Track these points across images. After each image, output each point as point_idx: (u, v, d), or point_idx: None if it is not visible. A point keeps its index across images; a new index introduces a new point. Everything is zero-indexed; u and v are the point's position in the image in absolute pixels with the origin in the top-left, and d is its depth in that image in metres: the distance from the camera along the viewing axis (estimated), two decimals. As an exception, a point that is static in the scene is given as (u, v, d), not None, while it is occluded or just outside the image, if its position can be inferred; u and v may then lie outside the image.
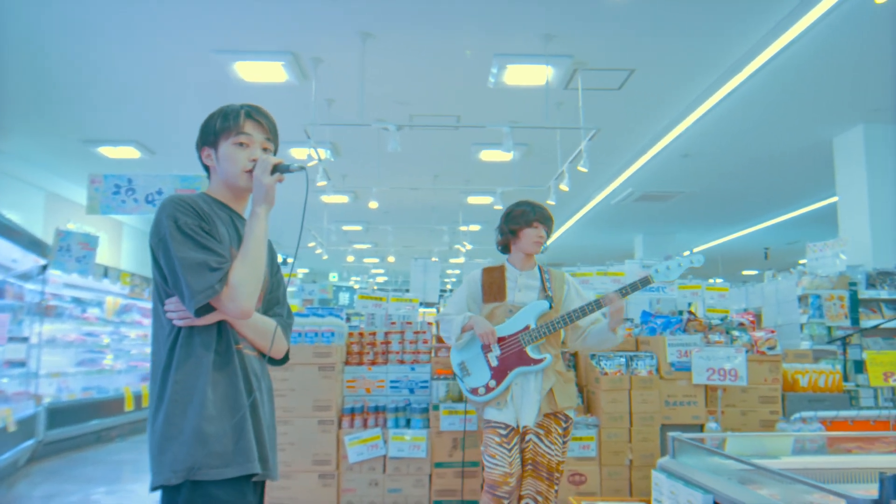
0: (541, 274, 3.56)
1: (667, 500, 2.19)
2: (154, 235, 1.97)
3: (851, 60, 6.56)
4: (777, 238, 16.11)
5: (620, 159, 10.08)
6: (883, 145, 8.20)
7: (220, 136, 2.12)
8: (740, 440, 2.65)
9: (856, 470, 2.19)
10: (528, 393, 3.38)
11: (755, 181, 11.23)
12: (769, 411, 4.46)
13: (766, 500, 1.75)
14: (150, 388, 1.99)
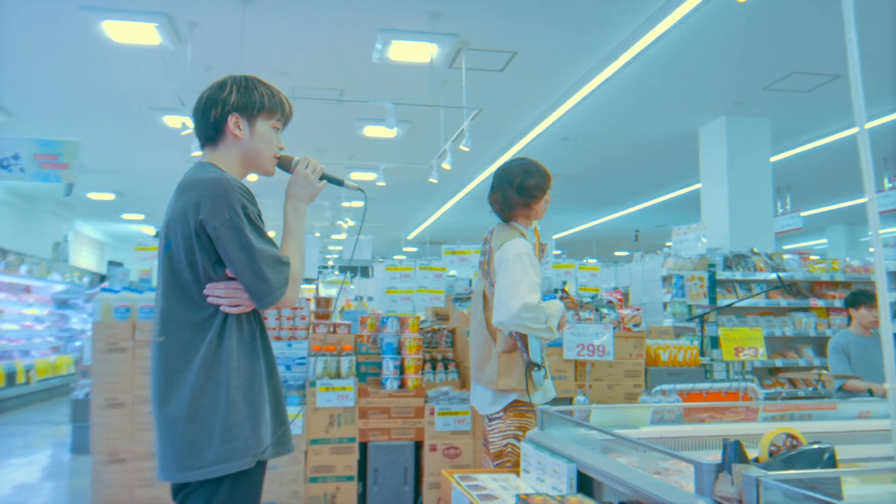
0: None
1: (534, 470, 2.27)
2: (217, 216, 1.84)
3: (716, 55, 6.94)
4: (647, 221, 16.94)
5: (502, 140, 10.25)
6: (742, 137, 8.77)
7: (261, 112, 2.05)
8: (605, 412, 2.78)
9: (707, 437, 2.34)
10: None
11: (629, 166, 11.73)
12: (633, 384, 4.71)
13: (625, 467, 1.84)
14: (174, 373, 1.87)
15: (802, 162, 10.73)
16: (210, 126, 2.03)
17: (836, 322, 7.44)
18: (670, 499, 1.47)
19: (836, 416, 2.68)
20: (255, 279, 1.86)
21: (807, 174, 11.46)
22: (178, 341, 1.88)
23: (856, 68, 1.56)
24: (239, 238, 1.85)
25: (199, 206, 1.86)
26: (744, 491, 1.31)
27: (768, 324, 7.33)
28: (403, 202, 14.88)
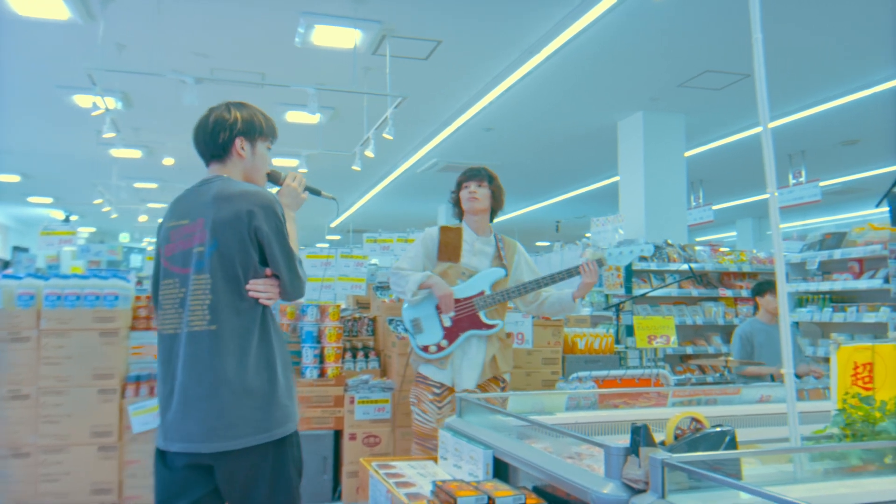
0: (496, 241, 3.66)
1: (451, 457, 2.29)
2: (268, 224, 2.21)
3: (634, 52, 7.12)
4: (567, 212, 17.28)
5: (426, 129, 10.25)
6: (659, 131, 9.04)
7: (260, 136, 2.42)
8: (522, 399, 2.82)
9: (620, 422, 2.41)
10: (469, 356, 3.49)
11: (551, 158, 11.93)
12: (551, 372, 4.80)
13: (539, 452, 1.88)
14: (228, 355, 2.16)
15: (714, 157, 11.15)
16: (219, 146, 2.39)
17: (743, 311, 7.78)
18: (581, 482, 1.51)
19: (740, 400, 2.80)
20: (292, 277, 2.27)
21: (718, 169, 11.91)
22: (230, 327, 2.18)
23: (761, 68, 1.62)
24: (282, 243, 2.24)
25: (253, 214, 2.20)
26: (650, 473, 1.36)
27: (680, 313, 7.60)
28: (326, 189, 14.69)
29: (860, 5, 6.07)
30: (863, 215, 16.46)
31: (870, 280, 6.00)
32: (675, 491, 1.35)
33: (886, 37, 6.80)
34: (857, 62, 7.48)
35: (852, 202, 15.59)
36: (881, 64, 7.51)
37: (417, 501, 1.90)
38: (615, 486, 1.44)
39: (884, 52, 7.20)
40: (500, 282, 3.55)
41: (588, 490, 1.47)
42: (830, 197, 14.37)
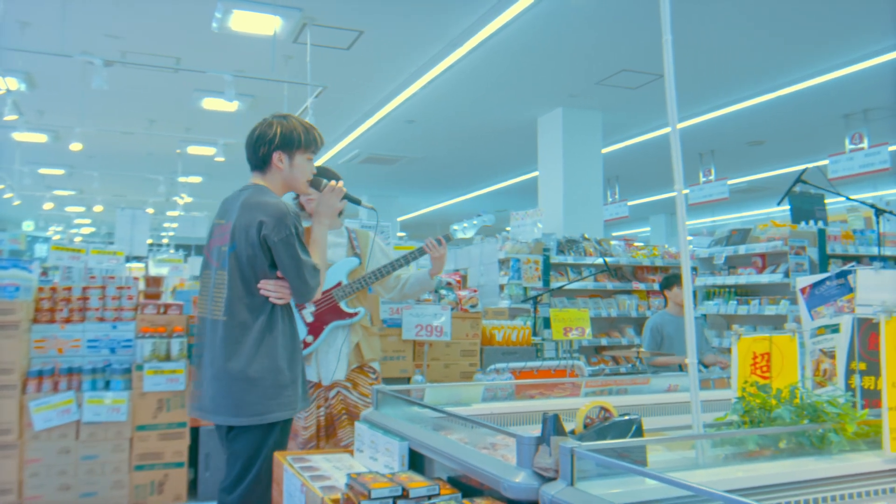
0: (348, 233, 3.67)
1: (367, 449, 2.28)
2: (276, 234, 2.48)
3: (555, 49, 7.24)
4: (489, 205, 17.45)
5: (348, 120, 10.16)
6: (577, 128, 9.24)
7: (299, 148, 2.65)
8: (439, 390, 2.84)
9: (535, 412, 2.46)
10: (334, 348, 3.50)
11: (472, 151, 12.01)
12: (469, 363, 4.85)
13: (454, 443, 1.89)
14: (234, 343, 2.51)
15: (630, 154, 11.48)
16: (259, 159, 2.68)
17: (655, 304, 8.05)
18: (494, 471, 1.53)
19: (649, 389, 2.90)
20: (299, 282, 2.53)
21: (634, 166, 12.27)
22: (237, 320, 2.51)
23: (670, 69, 1.68)
24: (290, 252, 2.50)
25: (263, 224, 2.49)
26: (560, 461, 1.39)
27: (595, 305, 7.80)
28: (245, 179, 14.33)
29: (768, 12, 6.35)
30: (767, 213, 17.27)
31: (771, 274, 6.30)
32: (584, 478, 1.38)
33: (790, 43, 7.15)
34: (763, 66, 7.83)
35: (757, 200, 16.34)
36: (785, 69, 7.88)
37: (332, 495, 1.89)
38: (526, 474, 1.46)
39: (787, 58, 7.56)
40: (355, 271, 3.59)
41: (500, 479, 1.49)
42: (738, 195, 15.01)
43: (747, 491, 1.42)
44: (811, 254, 6.09)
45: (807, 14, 6.42)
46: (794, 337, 1.91)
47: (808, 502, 1.47)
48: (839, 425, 1.59)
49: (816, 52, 7.39)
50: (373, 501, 1.61)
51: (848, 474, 1.51)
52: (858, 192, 12.03)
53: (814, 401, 1.65)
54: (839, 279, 2.15)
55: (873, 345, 1.66)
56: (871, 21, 6.61)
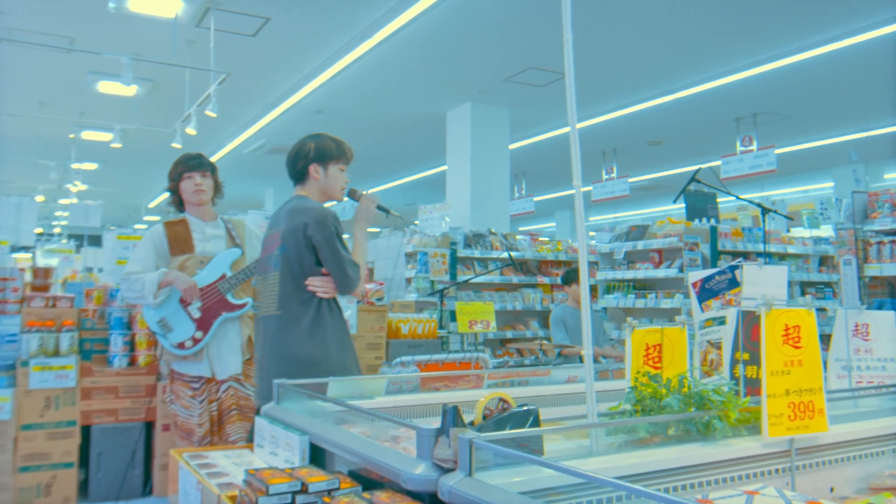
0: (224, 224, 3.63)
1: (268, 445, 2.24)
2: (320, 233, 2.81)
3: (464, 44, 7.30)
4: (398, 199, 17.42)
5: (254, 108, 9.92)
6: (486, 123, 9.34)
7: (331, 160, 3.01)
8: (342, 384, 2.82)
9: (439, 405, 2.47)
10: (227, 341, 3.46)
11: (381, 144, 11.95)
12: (375, 357, 4.83)
13: (355, 437, 1.88)
14: (288, 334, 2.84)
15: (537, 151, 11.70)
16: (298, 172, 3.02)
17: (559, 297, 8.26)
18: (394, 464, 1.53)
19: (549, 381, 2.97)
20: (341, 275, 2.83)
21: (540, 162, 12.52)
22: (290, 313, 2.84)
23: (570, 68, 1.72)
24: (332, 249, 2.82)
25: (308, 225, 2.82)
26: (458, 452, 1.40)
27: (501, 298, 7.92)
28: (144, 167, 13.80)
29: (667, 18, 6.60)
30: (665, 210, 17.97)
31: (667, 269, 6.57)
32: (482, 468, 1.40)
33: (687, 48, 7.45)
34: (662, 70, 8.14)
35: (657, 198, 16.99)
36: (682, 73, 8.22)
37: (230, 492, 1.85)
38: (426, 466, 1.47)
39: (685, 62, 7.89)
40: (237, 261, 3.57)
41: (400, 471, 1.49)
42: (638, 192, 15.56)
43: (637, 476, 1.48)
44: (704, 250, 6.38)
45: (702, 21, 6.72)
46: (684, 329, 2.00)
47: (693, 486, 1.55)
48: (723, 412, 1.68)
49: (711, 57, 7.74)
50: (271, 497, 1.59)
51: (730, 458, 1.60)
52: (748, 192, 12.70)
53: (700, 389, 1.74)
54: (727, 274, 2.27)
55: (755, 336, 1.75)
56: (759, 30, 6.98)
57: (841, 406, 2.10)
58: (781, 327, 1.64)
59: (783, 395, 1.62)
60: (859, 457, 1.83)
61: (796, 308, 1.67)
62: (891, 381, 2.27)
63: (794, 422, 1.62)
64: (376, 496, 1.50)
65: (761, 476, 1.64)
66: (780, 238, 7.43)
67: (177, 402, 3.49)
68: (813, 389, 1.65)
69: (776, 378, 1.62)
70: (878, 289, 4.33)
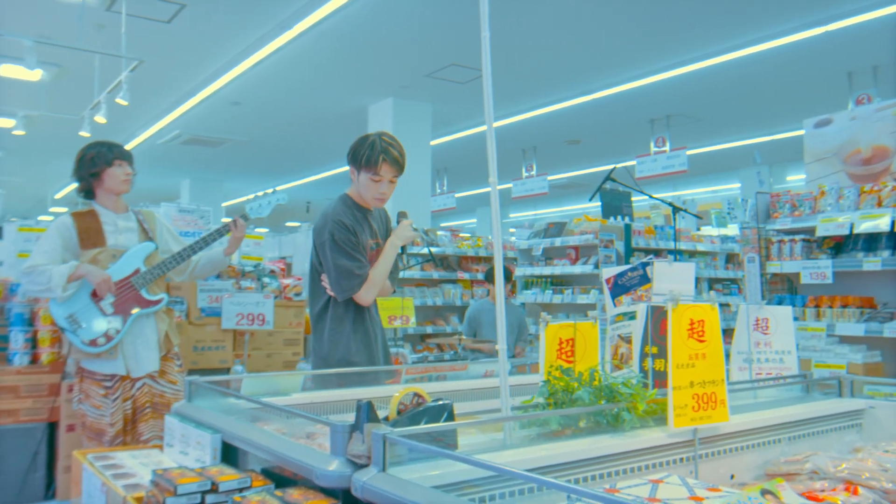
0: (136, 216, 3.50)
1: (178, 444, 2.18)
2: (317, 240, 2.96)
3: (386, 37, 7.26)
4: (319, 193, 17.21)
5: (169, 97, 9.60)
6: (407, 118, 9.33)
7: (362, 167, 2.94)
8: (257, 380, 2.77)
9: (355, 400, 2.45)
10: (144, 338, 3.36)
11: (302, 137, 11.78)
12: (293, 353, 4.78)
13: (269, 434, 1.85)
14: (314, 330, 3.06)
15: (458, 147, 11.77)
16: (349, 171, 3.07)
17: (479, 293, 8.33)
18: (307, 460, 1.51)
19: (466, 375, 2.99)
20: (331, 281, 2.94)
21: (462, 159, 12.60)
22: (315, 311, 3.04)
23: (487, 65, 1.73)
24: (325, 255, 2.93)
25: (314, 229, 3.02)
26: (372, 448, 1.40)
27: (421, 294, 7.94)
28: (49, 156, 13.15)
29: (586, 19, 6.74)
30: (582, 208, 18.39)
31: (583, 265, 6.72)
32: (397, 463, 1.40)
33: (605, 50, 7.64)
34: (580, 70, 8.31)
35: (575, 196, 17.36)
36: (600, 73, 8.42)
37: (136, 493, 1.79)
38: (340, 462, 1.46)
39: (602, 63, 8.08)
40: (151, 255, 3.48)
41: (313, 468, 1.47)
42: (557, 190, 15.86)
43: (548, 468, 1.51)
44: (618, 247, 6.56)
45: (619, 24, 6.90)
46: (596, 323, 2.05)
47: (602, 476, 1.59)
48: (632, 404, 1.73)
49: (627, 60, 7.96)
50: (179, 497, 1.55)
51: (637, 449, 1.65)
52: (660, 192, 13.13)
53: (610, 382, 1.78)
54: (638, 271, 2.33)
55: (664, 330, 1.81)
56: (673, 35, 7.22)
57: (741, 397, 2.20)
58: (687, 322, 1.70)
59: (688, 387, 1.68)
60: (758, 445, 1.92)
61: (701, 303, 1.73)
62: (788, 372, 2.39)
63: (698, 412, 1.69)
64: (289, 494, 1.48)
65: (667, 465, 1.70)
66: (690, 236, 7.71)
67: (86, 401, 3.35)
68: (715, 381, 1.72)
69: (681, 371, 1.67)
70: (778, 285, 4.56)
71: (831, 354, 4.03)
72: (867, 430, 2.22)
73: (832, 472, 1.66)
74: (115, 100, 6.47)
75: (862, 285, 4.34)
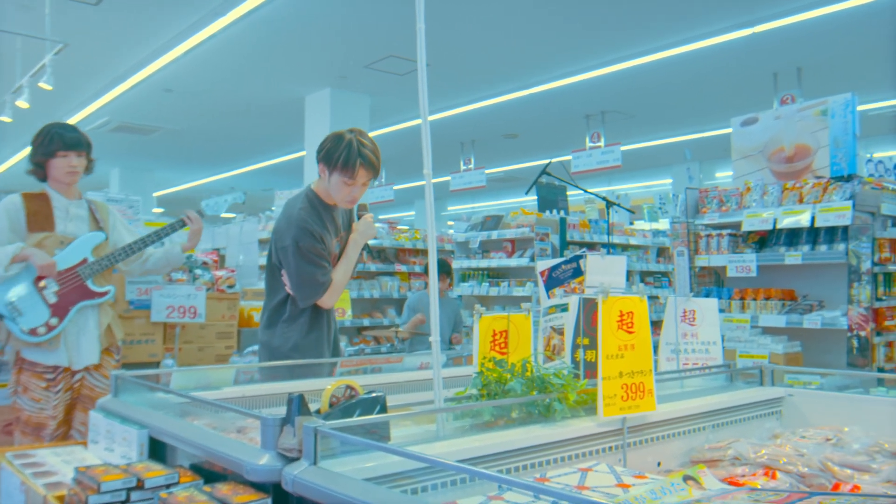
0: (88, 204, 3.39)
1: (103, 440, 2.12)
2: (279, 243, 2.88)
3: (324, 27, 7.18)
4: (254, 184, 16.92)
5: (97, 83, 9.27)
6: (345, 110, 9.25)
7: (335, 168, 2.83)
8: (188, 374, 2.72)
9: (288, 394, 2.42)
10: (86, 330, 3.26)
11: (237, 127, 11.56)
12: (225, 346, 4.68)
13: (198, 428, 1.82)
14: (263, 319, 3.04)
15: (397, 139, 11.73)
16: (318, 163, 2.95)
17: (416, 285, 8.34)
18: (236, 455, 1.49)
19: (402, 367, 2.99)
20: (293, 287, 2.90)
21: (400, 151, 12.55)
22: (269, 305, 3.01)
23: (422, 57, 1.73)
24: (287, 261, 2.87)
25: (276, 230, 2.94)
26: (303, 441, 1.39)
27: (358, 286, 7.89)
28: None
29: (524, 15, 6.80)
30: (520, 201, 18.57)
31: (519, 258, 6.80)
32: (328, 456, 1.39)
33: (543, 46, 7.72)
34: (518, 65, 8.39)
35: (512, 189, 17.52)
36: (537, 68, 8.51)
37: (57, 492, 1.73)
38: (270, 456, 1.44)
39: (540, 58, 8.17)
40: (100, 246, 3.38)
41: (243, 462, 1.45)
42: (495, 184, 15.98)
43: (480, 459, 1.52)
44: (554, 240, 6.65)
45: (557, 20, 6.98)
46: (529, 315, 2.07)
47: (533, 465, 1.61)
48: (563, 395, 1.76)
49: (564, 55, 8.06)
50: (102, 495, 1.50)
51: (568, 438, 1.68)
52: (595, 186, 13.35)
53: (542, 373, 1.81)
54: (572, 264, 2.37)
55: (595, 322, 1.85)
56: (609, 32, 7.35)
57: (669, 386, 2.26)
58: (616, 314, 1.74)
59: (617, 377, 1.72)
60: (684, 433, 1.98)
61: (630, 295, 1.77)
62: (713, 362, 2.47)
63: (627, 402, 1.73)
64: (217, 489, 1.46)
65: (597, 454, 1.73)
66: (623, 230, 7.88)
67: (24, 394, 3.21)
68: (644, 371, 1.77)
69: (611, 361, 1.71)
70: (706, 278, 4.70)
71: (755, 345, 4.18)
72: (786, 417, 2.31)
73: (752, 458, 1.73)
74: (39, 84, 6.22)
75: (784, 278, 4.52)
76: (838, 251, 4.05)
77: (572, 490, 1.35)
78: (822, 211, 4.00)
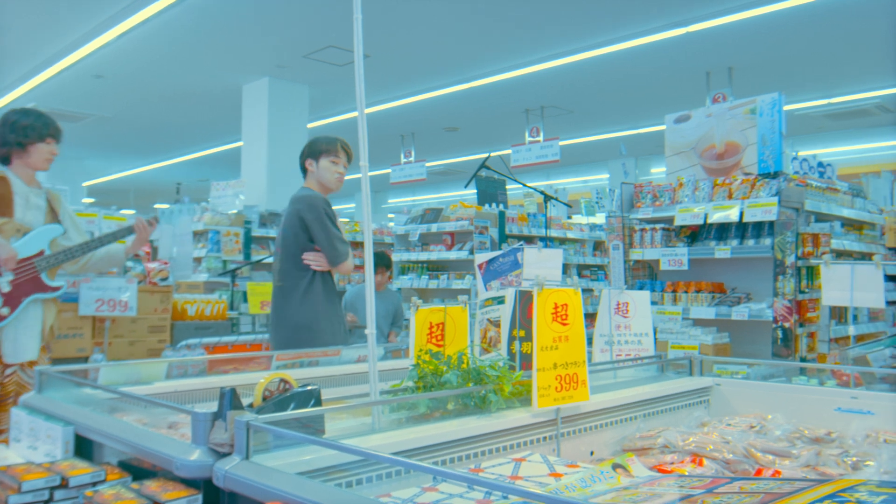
0: (46, 194, 3.31)
1: (26, 438, 2.04)
2: (310, 213, 3.29)
3: (261, 14, 7.04)
4: (189, 174, 16.53)
5: (22, 68, 8.91)
6: (283, 100, 9.11)
7: (321, 154, 3.43)
8: (117, 369, 2.64)
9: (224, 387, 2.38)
10: (28, 324, 3.16)
11: (171, 115, 11.26)
12: (158, 340, 4.58)
13: (127, 425, 1.77)
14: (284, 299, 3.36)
15: (336, 131, 11.54)
16: (302, 168, 3.49)
17: (356, 278, 8.29)
18: (166, 450, 1.46)
19: (340, 360, 2.97)
20: (330, 249, 3.29)
21: (340, 143, 12.43)
22: (288, 284, 3.33)
23: (359, 47, 1.71)
24: (323, 227, 3.28)
25: (301, 210, 3.31)
26: (235, 435, 1.36)
27: (297, 279, 7.79)
28: None
29: (463, 9, 6.81)
30: (460, 194, 18.63)
31: (458, 251, 6.82)
32: (261, 451, 1.38)
33: (483, 40, 7.75)
34: (459, 58, 8.40)
35: (453, 182, 17.57)
36: (477, 62, 8.54)
37: (-25, 492, 1.66)
38: (201, 451, 1.41)
39: (480, 52, 8.20)
40: (56, 239, 3.30)
41: (173, 458, 1.42)
42: (435, 177, 15.99)
43: (416, 451, 1.53)
44: (493, 233, 6.70)
45: (497, 14, 7.02)
46: (466, 308, 2.08)
47: (469, 456, 1.63)
48: (498, 386, 1.78)
49: (504, 50, 8.11)
50: (24, 494, 1.45)
51: (503, 429, 1.70)
52: (534, 181, 13.51)
53: (478, 365, 1.82)
54: (510, 257, 2.39)
55: (531, 314, 1.87)
56: (548, 27, 7.42)
57: (602, 377, 2.30)
58: (551, 306, 1.76)
59: (551, 368, 1.74)
60: (616, 422, 2.02)
61: (565, 288, 1.80)
62: (645, 353, 2.53)
63: (561, 393, 1.76)
64: (145, 486, 1.42)
65: (531, 444, 1.76)
66: (561, 224, 7.99)
67: None
68: (577, 363, 1.80)
69: (545, 353, 1.73)
70: (640, 271, 4.81)
71: (686, 336, 4.30)
72: (714, 406, 2.39)
73: (681, 446, 1.78)
74: (-42, 67, 5.93)
75: (714, 272, 4.66)
76: (765, 245, 4.20)
77: (505, 480, 1.37)
78: (750, 206, 4.13)
